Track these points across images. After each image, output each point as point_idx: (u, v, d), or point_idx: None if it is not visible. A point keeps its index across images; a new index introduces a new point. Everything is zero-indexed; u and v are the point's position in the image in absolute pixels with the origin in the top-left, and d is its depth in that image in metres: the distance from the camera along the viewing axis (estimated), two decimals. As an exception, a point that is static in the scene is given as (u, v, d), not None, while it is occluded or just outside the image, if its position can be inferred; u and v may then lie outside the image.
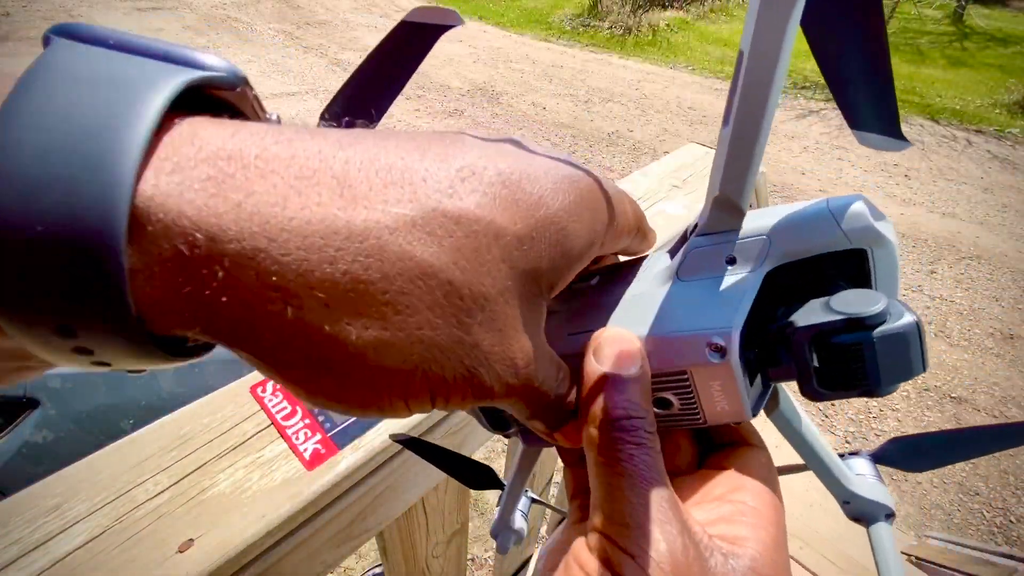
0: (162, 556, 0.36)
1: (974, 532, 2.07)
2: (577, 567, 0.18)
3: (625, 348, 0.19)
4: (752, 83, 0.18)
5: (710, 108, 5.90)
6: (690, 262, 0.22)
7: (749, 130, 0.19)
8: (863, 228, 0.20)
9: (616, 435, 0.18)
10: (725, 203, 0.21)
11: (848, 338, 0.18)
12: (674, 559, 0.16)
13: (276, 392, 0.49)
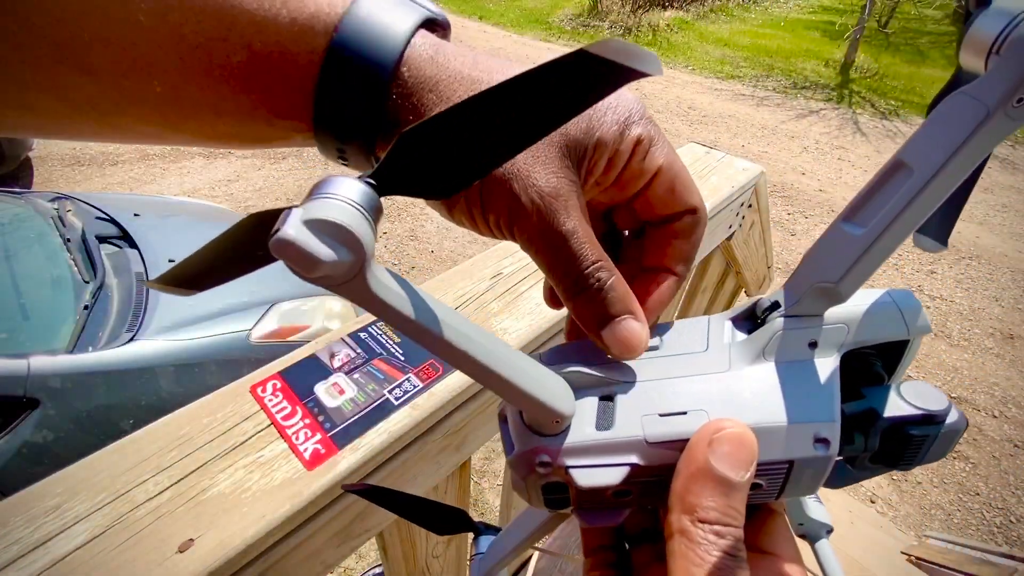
0: (162, 556, 0.36)
1: (974, 532, 2.07)
2: None
3: (744, 454, 0.19)
4: (917, 203, 0.19)
5: (710, 108, 5.90)
6: (776, 343, 0.23)
7: (889, 241, 0.20)
8: (922, 326, 0.23)
9: (715, 540, 0.18)
10: (831, 294, 0.22)
11: (921, 430, 0.22)
12: None
13: (276, 392, 0.49)
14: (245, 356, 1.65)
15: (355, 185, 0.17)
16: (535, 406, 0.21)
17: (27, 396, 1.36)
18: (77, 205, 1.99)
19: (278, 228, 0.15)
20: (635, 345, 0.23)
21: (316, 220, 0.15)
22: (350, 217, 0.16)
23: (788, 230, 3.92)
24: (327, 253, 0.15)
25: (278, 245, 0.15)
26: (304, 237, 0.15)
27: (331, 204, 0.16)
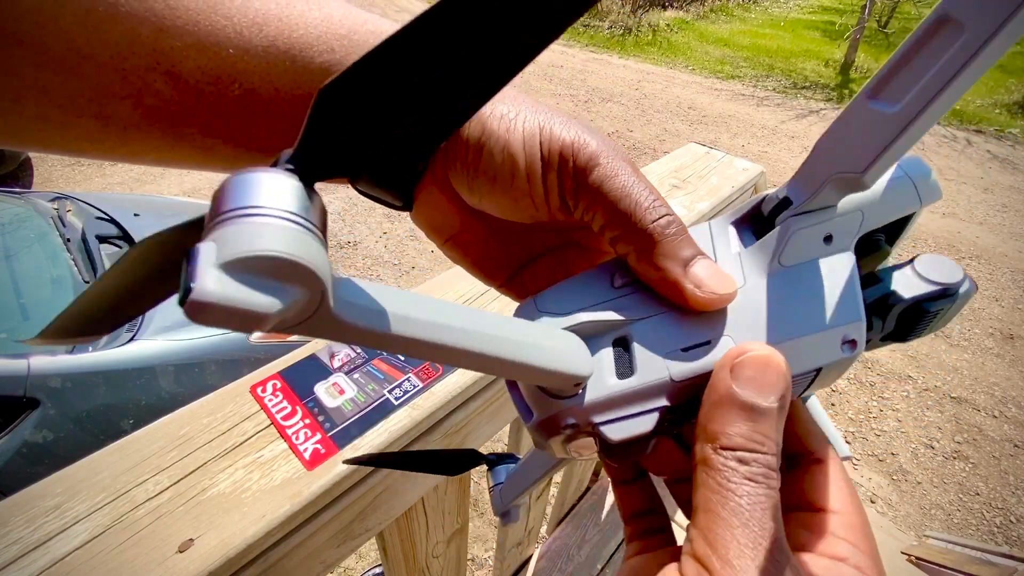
0: (162, 556, 0.36)
1: (974, 532, 2.07)
2: None
3: (771, 377, 0.18)
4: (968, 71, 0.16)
5: (710, 108, 5.90)
6: (791, 246, 0.21)
7: (927, 119, 0.17)
8: (934, 193, 0.21)
9: (736, 466, 0.17)
10: (851, 184, 0.19)
11: (938, 305, 0.22)
12: None
13: (276, 392, 0.49)
14: (245, 356, 1.65)
15: (274, 183, 0.12)
16: (552, 378, 0.19)
17: (27, 396, 1.36)
18: (77, 205, 1.99)
19: (187, 285, 0.10)
20: (729, 283, 0.21)
21: (238, 261, 0.11)
22: (286, 240, 0.12)
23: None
24: (268, 303, 0.11)
25: (195, 308, 0.10)
26: (228, 291, 0.11)
27: (253, 227, 0.11)
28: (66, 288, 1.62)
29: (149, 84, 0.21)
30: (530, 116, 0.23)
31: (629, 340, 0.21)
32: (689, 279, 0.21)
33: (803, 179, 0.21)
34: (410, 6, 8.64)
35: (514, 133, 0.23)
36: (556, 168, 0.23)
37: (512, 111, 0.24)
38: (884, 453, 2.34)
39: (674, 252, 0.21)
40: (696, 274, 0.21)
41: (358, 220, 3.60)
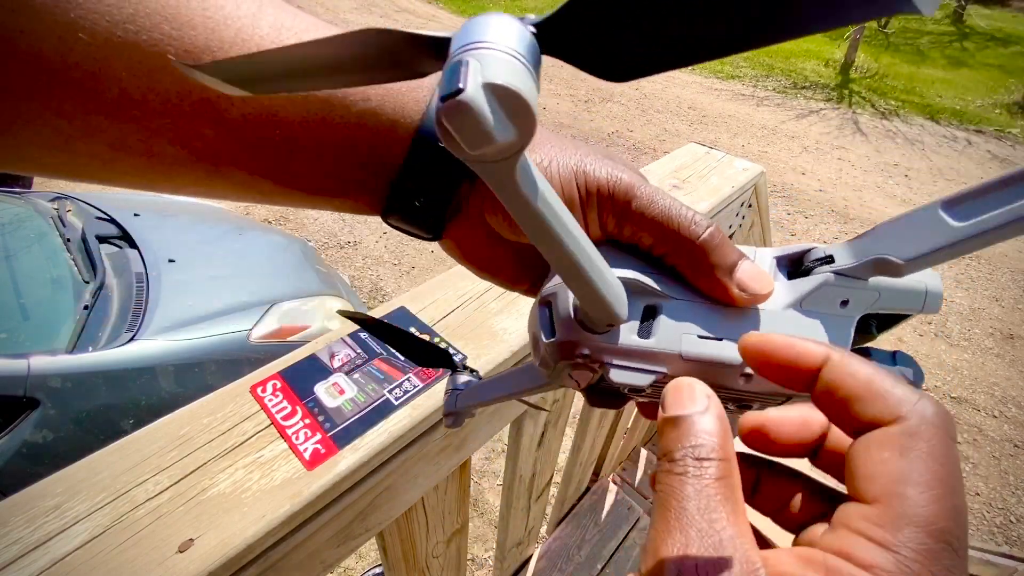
0: (162, 556, 0.36)
1: (974, 532, 2.07)
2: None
3: (684, 394, 0.19)
4: None
5: (710, 108, 5.90)
6: (816, 296, 0.24)
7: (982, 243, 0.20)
8: (933, 307, 0.24)
9: (667, 467, 0.17)
10: (891, 269, 0.22)
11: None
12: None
13: (276, 392, 0.49)
14: (245, 356, 1.65)
15: (522, 34, 0.14)
16: (601, 307, 0.21)
17: (27, 396, 1.36)
18: (77, 205, 1.99)
19: (456, 86, 0.12)
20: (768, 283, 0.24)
21: (498, 86, 0.13)
22: (531, 89, 0.13)
23: (788, 230, 3.92)
24: (499, 129, 0.13)
25: (456, 108, 0.12)
26: (483, 107, 0.12)
27: (512, 65, 0.13)
28: (66, 288, 1.62)
29: (196, 129, 0.23)
30: (563, 160, 0.26)
31: (658, 311, 0.24)
32: (735, 282, 0.23)
33: (855, 248, 0.23)
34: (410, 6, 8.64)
35: (552, 181, 0.25)
36: (595, 205, 0.25)
37: (545, 159, 0.26)
38: (884, 453, 2.34)
39: (722, 261, 0.24)
40: (740, 278, 0.23)
41: (358, 220, 3.60)
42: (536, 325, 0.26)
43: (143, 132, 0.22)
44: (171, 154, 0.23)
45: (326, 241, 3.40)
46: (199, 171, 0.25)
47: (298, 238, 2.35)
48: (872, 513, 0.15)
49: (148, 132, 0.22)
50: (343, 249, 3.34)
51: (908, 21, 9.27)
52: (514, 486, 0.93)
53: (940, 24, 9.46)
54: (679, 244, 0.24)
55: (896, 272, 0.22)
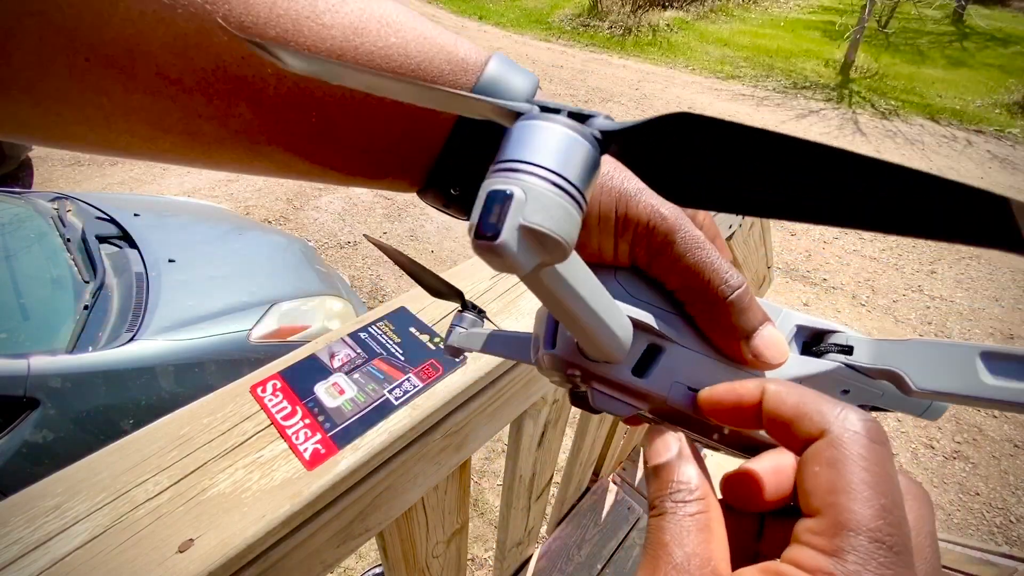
0: (162, 556, 0.36)
1: (974, 532, 2.07)
2: None
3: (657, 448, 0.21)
4: None
5: (710, 108, 5.90)
6: (821, 380, 0.24)
7: (1000, 405, 0.20)
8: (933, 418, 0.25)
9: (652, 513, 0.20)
10: (904, 387, 0.22)
11: None
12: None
13: (276, 392, 0.49)
14: (245, 356, 1.65)
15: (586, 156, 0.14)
16: (599, 350, 0.22)
17: (27, 396, 1.36)
18: (77, 205, 1.99)
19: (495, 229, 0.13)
20: (783, 354, 0.23)
21: (537, 232, 0.13)
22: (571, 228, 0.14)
23: (788, 230, 3.92)
24: (528, 263, 0.13)
25: (487, 249, 0.13)
26: (515, 251, 0.13)
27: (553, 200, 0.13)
28: (66, 288, 1.62)
29: (233, 108, 0.23)
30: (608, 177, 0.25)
31: (660, 354, 0.24)
32: (751, 347, 0.23)
33: (877, 349, 0.23)
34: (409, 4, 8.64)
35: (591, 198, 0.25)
36: (631, 237, 0.25)
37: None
38: (884, 453, 2.34)
39: (745, 325, 0.23)
40: (758, 345, 0.23)
41: (358, 220, 3.60)
42: (541, 328, 0.26)
43: (181, 111, 0.22)
44: (209, 132, 0.23)
45: (326, 241, 3.40)
46: (238, 149, 0.25)
47: (298, 238, 2.35)
48: (814, 524, 0.17)
49: (186, 111, 0.22)
50: (343, 249, 3.34)
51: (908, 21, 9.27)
52: (514, 486, 0.93)
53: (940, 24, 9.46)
54: (705, 299, 0.24)
55: (906, 391, 0.22)
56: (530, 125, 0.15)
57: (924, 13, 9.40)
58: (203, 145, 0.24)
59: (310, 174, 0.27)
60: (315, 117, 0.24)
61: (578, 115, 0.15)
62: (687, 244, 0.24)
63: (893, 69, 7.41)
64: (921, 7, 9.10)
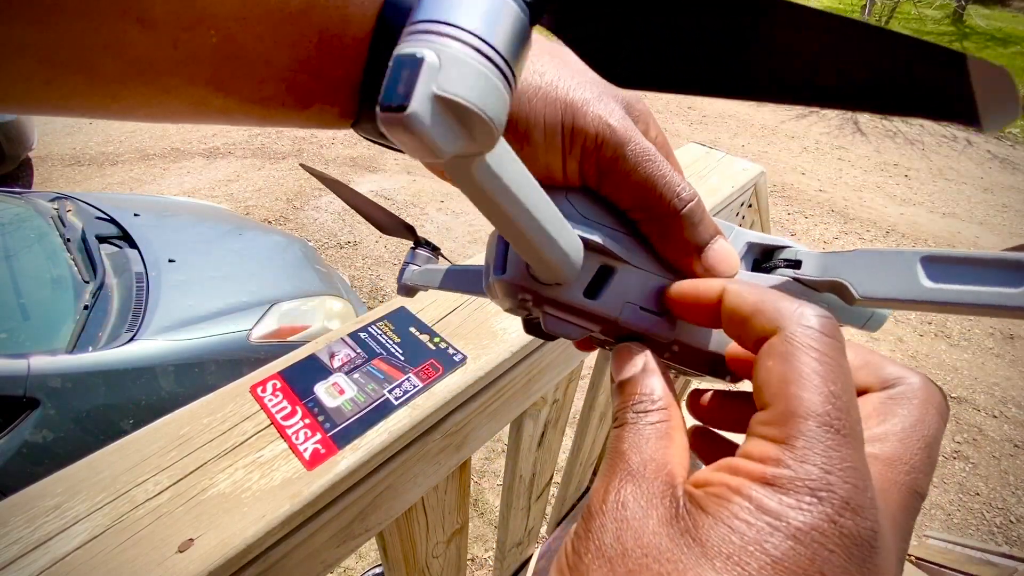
0: (162, 556, 0.36)
1: (974, 532, 2.07)
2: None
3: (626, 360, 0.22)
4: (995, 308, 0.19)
5: (709, 108, 5.90)
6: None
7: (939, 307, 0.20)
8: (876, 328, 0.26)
9: (614, 425, 0.20)
10: (847, 295, 0.22)
11: None
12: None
13: (276, 392, 0.49)
14: (245, 356, 1.65)
15: (505, 13, 0.12)
16: (548, 270, 0.21)
17: (27, 396, 1.36)
18: (77, 205, 1.99)
19: (401, 100, 0.11)
20: (734, 266, 0.24)
21: (453, 101, 0.11)
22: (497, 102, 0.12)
23: (788, 230, 3.92)
24: (454, 145, 0.12)
25: (394, 123, 0.11)
26: (429, 126, 0.11)
27: (472, 66, 0.12)
28: (66, 288, 1.62)
29: (123, 34, 0.20)
30: (556, 83, 0.23)
31: (611, 274, 0.24)
32: (702, 262, 0.23)
33: (824, 263, 0.24)
34: (410, 6, 8.63)
35: (534, 107, 0.23)
36: (579, 154, 0.23)
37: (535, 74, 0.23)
38: (884, 453, 2.34)
39: (697, 239, 0.23)
40: (709, 258, 0.23)
41: (358, 220, 3.60)
42: (491, 254, 0.25)
43: (71, 43, 0.20)
44: (108, 69, 0.21)
45: (326, 241, 3.40)
46: (143, 87, 0.22)
47: (298, 238, 2.35)
48: (765, 415, 0.17)
49: (76, 43, 0.20)
50: (343, 249, 3.34)
51: (908, 21, 9.26)
52: (514, 486, 0.93)
53: (940, 24, 9.46)
54: (656, 214, 0.23)
55: (849, 300, 0.22)
56: None
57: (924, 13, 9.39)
58: (104, 85, 0.22)
59: (230, 112, 0.24)
60: (215, 36, 0.21)
61: None
62: (637, 157, 0.23)
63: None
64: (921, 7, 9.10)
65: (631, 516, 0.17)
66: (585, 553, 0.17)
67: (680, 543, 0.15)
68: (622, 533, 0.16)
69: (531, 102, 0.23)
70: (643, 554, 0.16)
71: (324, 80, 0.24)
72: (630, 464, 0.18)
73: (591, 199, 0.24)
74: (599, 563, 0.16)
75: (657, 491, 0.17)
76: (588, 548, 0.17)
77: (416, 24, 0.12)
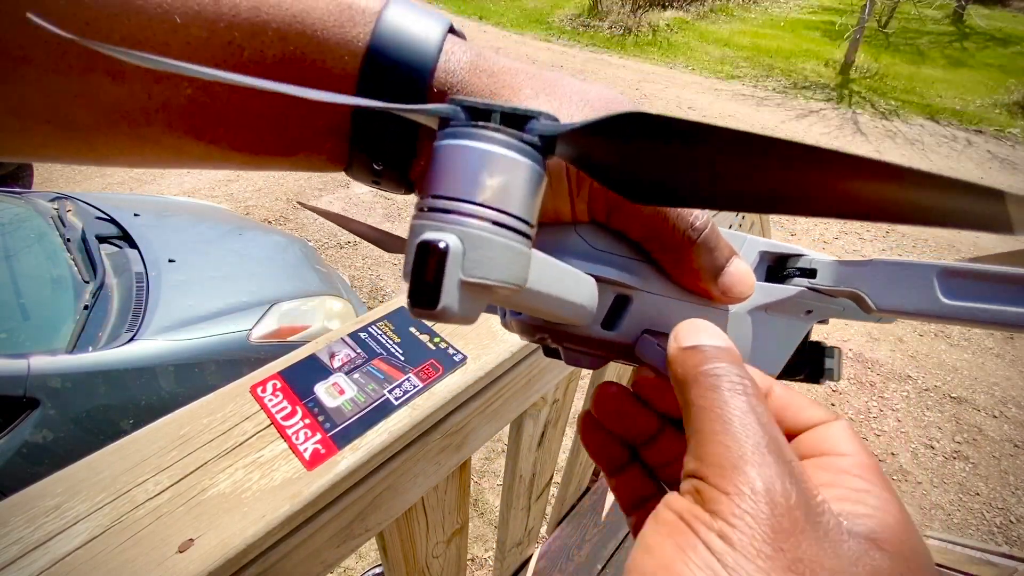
0: (162, 556, 0.36)
1: (974, 532, 2.07)
2: (667, 509, 0.17)
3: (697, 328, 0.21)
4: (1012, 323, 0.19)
5: (710, 108, 5.90)
6: (785, 304, 0.25)
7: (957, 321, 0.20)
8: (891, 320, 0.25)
9: (710, 381, 0.18)
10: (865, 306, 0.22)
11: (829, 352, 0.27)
12: (772, 498, 0.15)
13: (276, 392, 0.49)
14: (245, 356, 1.65)
15: (527, 177, 0.13)
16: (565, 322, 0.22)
17: (27, 396, 1.36)
18: (77, 205, 1.99)
19: (433, 296, 0.11)
20: (750, 285, 0.23)
21: (477, 284, 0.12)
22: (517, 264, 0.12)
23: (788, 230, 3.92)
24: (476, 311, 0.12)
25: (430, 317, 0.12)
26: (461, 310, 0.12)
27: (496, 243, 0.12)
28: (66, 288, 1.62)
29: (94, 86, 0.20)
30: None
31: (629, 303, 0.24)
32: (719, 286, 0.23)
33: (838, 270, 0.24)
34: (410, 6, 8.62)
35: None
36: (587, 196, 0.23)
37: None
38: (884, 453, 2.34)
39: (712, 265, 0.23)
40: (726, 281, 0.23)
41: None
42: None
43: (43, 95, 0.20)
44: (83, 119, 0.21)
45: (326, 241, 3.40)
46: (120, 136, 0.22)
47: (298, 238, 2.35)
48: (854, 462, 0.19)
49: (47, 94, 0.20)
50: (343, 249, 3.34)
51: (908, 21, 9.27)
52: (514, 486, 0.93)
53: (940, 24, 9.46)
54: (670, 245, 0.23)
55: (866, 310, 0.22)
56: (458, 147, 0.13)
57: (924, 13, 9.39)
58: (81, 135, 0.22)
59: (211, 158, 0.24)
60: (188, 86, 0.21)
61: (513, 116, 0.13)
62: None
63: (893, 69, 7.41)
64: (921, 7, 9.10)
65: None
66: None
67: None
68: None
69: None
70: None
71: (308, 129, 0.24)
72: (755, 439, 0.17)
73: (600, 229, 0.24)
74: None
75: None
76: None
77: (433, 200, 0.12)
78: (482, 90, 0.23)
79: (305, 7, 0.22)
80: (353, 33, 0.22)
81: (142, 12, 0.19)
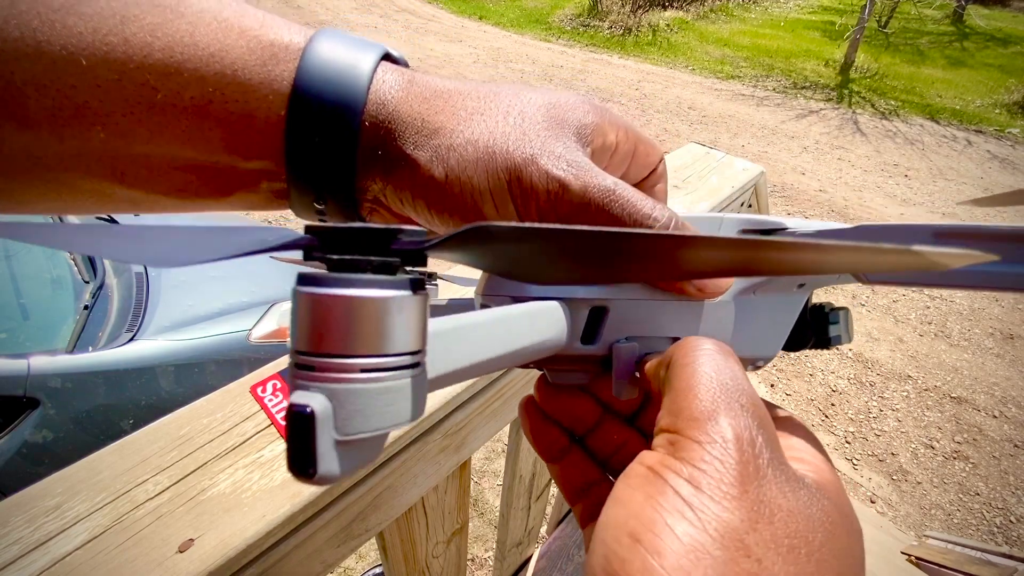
0: (162, 556, 0.36)
1: (974, 532, 2.07)
2: (638, 464, 0.17)
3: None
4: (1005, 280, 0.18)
5: (710, 108, 5.90)
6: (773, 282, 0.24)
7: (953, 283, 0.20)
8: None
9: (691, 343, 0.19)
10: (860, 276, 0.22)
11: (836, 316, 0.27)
12: (740, 446, 0.15)
13: (276, 392, 0.49)
14: (245, 356, 1.65)
15: (398, 308, 0.12)
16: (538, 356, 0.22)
17: (27, 396, 1.36)
18: (77, 205, 1.99)
19: (309, 467, 0.10)
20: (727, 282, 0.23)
21: (354, 440, 0.11)
22: (406, 405, 0.12)
23: (788, 230, 3.92)
24: (371, 457, 0.12)
25: (312, 483, 0.11)
26: (345, 468, 0.11)
27: (364, 393, 0.11)
28: (66, 288, 1.62)
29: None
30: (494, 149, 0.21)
31: (606, 313, 0.23)
32: (693, 284, 0.22)
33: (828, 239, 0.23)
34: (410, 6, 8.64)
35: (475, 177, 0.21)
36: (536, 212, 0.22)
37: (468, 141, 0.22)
38: (884, 453, 2.34)
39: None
40: (699, 281, 0.22)
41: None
42: None
43: None
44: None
45: (326, 241, 3.40)
46: (34, 182, 0.21)
47: (298, 238, 2.34)
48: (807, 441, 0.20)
49: None
50: (343, 249, 3.34)
51: (908, 21, 9.27)
52: (514, 486, 0.93)
53: (940, 24, 9.47)
54: None
55: (860, 278, 0.22)
56: (313, 296, 0.11)
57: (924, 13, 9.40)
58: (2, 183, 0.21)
59: (138, 203, 0.23)
60: (101, 131, 0.20)
61: (376, 240, 0.12)
62: (598, 202, 0.21)
63: (893, 69, 7.41)
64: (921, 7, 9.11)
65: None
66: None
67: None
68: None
69: (471, 177, 0.21)
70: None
71: (239, 170, 0.23)
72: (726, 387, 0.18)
73: None
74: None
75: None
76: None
77: (297, 356, 0.11)
78: (415, 118, 0.22)
79: (223, 46, 0.20)
80: (276, 72, 0.21)
81: (44, 55, 0.18)
